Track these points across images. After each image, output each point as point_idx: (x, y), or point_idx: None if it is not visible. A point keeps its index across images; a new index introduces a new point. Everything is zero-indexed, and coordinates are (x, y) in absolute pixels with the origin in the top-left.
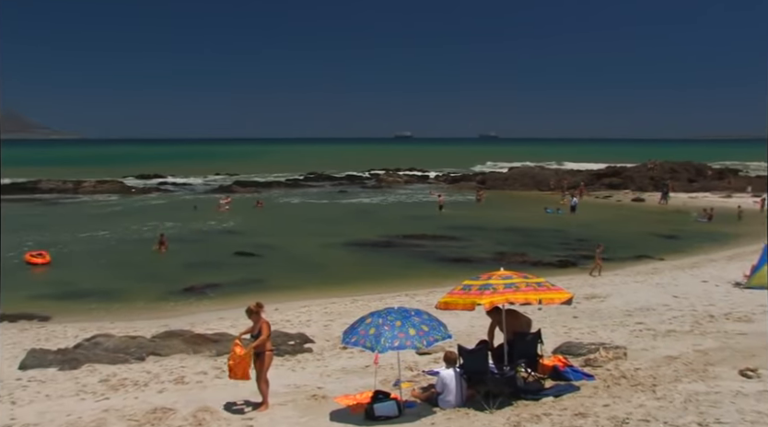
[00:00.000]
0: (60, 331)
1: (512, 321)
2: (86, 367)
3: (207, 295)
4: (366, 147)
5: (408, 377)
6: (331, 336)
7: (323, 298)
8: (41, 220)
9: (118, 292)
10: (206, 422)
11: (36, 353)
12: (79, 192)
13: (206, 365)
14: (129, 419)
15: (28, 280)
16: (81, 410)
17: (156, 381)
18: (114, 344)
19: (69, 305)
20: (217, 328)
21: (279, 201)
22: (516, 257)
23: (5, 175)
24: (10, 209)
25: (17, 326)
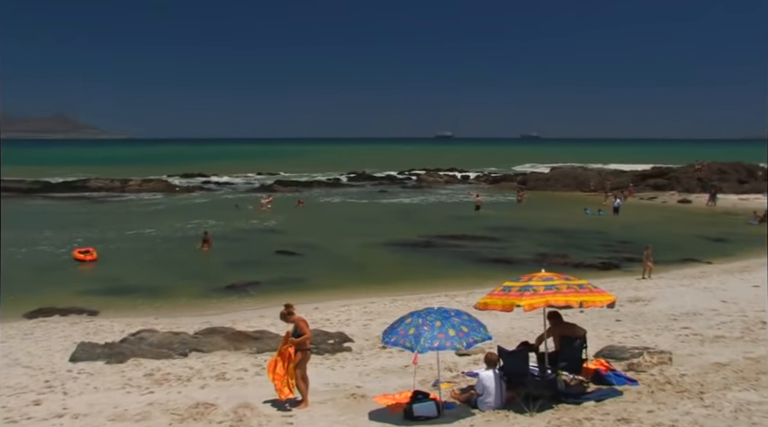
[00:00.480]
0: (107, 326)
1: (564, 327)
2: (131, 361)
3: (248, 293)
4: (406, 147)
5: (447, 378)
6: (371, 335)
7: (363, 297)
8: (90, 217)
9: (162, 288)
10: (247, 419)
11: (85, 347)
12: (126, 191)
13: (247, 362)
14: (172, 413)
15: (77, 275)
16: (127, 403)
17: (198, 377)
18: (158, 340)
19: (116, 300)
20: (258, 325)
21: (319, 201)
22: (557, 258)
23: (56, 174)
24: (60, 207)
25: (68, 320)
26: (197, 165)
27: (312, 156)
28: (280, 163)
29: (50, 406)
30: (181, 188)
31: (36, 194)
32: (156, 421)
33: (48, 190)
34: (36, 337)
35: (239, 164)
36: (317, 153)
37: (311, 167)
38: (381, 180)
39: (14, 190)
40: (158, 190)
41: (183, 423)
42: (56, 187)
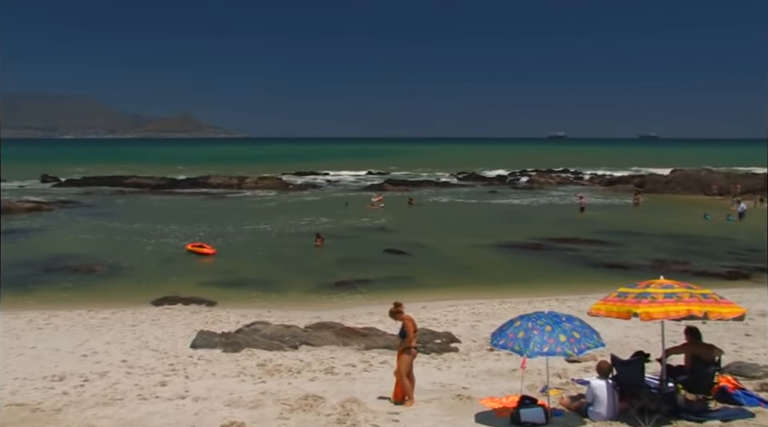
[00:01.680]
0: (224, 316)
1: (701, 348)
2: (245, 351)
3: (358, 290)
4: (518, 147)
5: (556, 384)
6: (478, 337)
7: (471, 298)
8: (210, 213)
9: (275, 282)
10: (354, 413)
11: (204, 335)
12: (243, 188)
13: (355, 358)
14: (283, 403)
15: (198, 267)
16: (241, 391)
17: (307, 369)
18: (271, 332)
19: (232, 292)
20: (366, 322)
21: (429, 201)
22: (677, 265)
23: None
24: (184, 202)
25: (190, 308)
26: (310, 163)
27: (423, 156)
28: (390, 162)
29: (174, 387)
30: (294, 186)
31: (162, 190)
32: (267, 409)
33: (173, 187)
34: (162, 323)
35: (351, 162)
36: (427, 152)
37: (421, 166)
38: (491, 181)
39: (144, 185)
40: (273, 187)
41: (293, 414)
42: (180, 183)
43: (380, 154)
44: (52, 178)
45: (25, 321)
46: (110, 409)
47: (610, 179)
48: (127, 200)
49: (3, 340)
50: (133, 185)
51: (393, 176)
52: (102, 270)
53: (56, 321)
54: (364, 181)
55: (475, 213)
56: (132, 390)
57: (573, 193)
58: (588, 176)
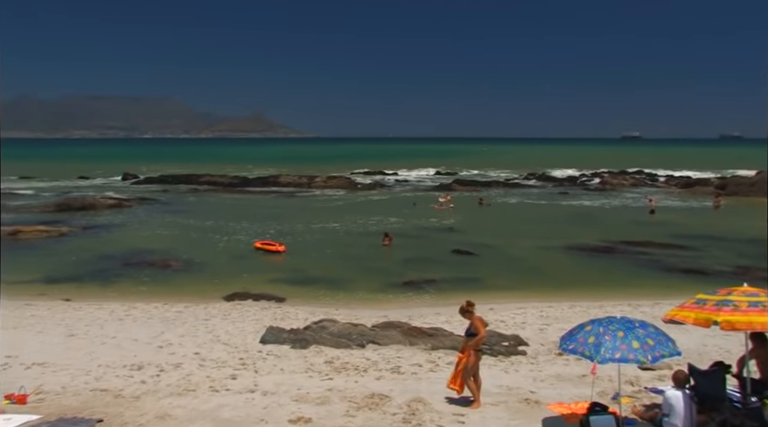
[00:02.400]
0: (293, 313)
1: None
2: (313, 348)
3: (425, 290)
4: (590, 148)
5: (628, 392)
6: (547, 340)
7: (539, 301)
8: (280, 211)
9: (343, 281)
10: (419, 413)
11: (273, 331)
12: (312, 187)
13: (421, 358)
14: (349, 400)
15: (267, 264)
16: (309, 386)
17: (374, 368)
18: (338, 330)
19: (301, 289)
20: (433, 322)
21: (498, 201)
22: (762, 272)
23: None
24: (255, 200)
25: (260, 305)
26: (379, 163)
27: (492, 156)
28: (459, 162)
29: (244, 381)
30: (363, 185)
31: (235, 188)
32: (334, 406)
33: (245, 185)
34: (233, 318)
35: (419, 162)
36: (496, 153)
37: (490, 166)
38: (562, 181)
39: (217, 184)
40: (342, 186)
41: (359, 411)
42: (252, 182)
43: (449, 153)
44: (132, 175)
45: (107, 312)
46: (184, 400)
47: (687, 181)
48: (201, 197)
49: (89, 329)
50: (206, 183)
51: (462, 176)
52: (177, 265)
53: (135, 313)
54: (432, 181)
55: (545, 214)
56: (204, 382)
57: (654, 195)
58: (664, 177)
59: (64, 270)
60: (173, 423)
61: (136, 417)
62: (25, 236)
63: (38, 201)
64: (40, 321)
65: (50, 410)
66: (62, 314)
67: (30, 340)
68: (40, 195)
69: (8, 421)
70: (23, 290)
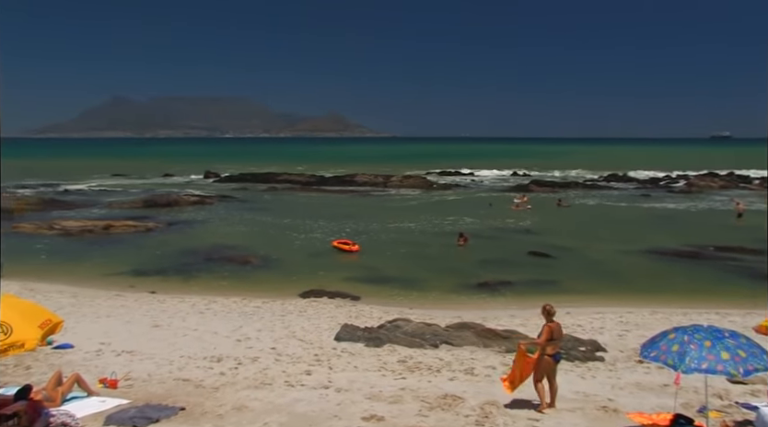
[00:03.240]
0: (367, 311)
1: None
2: (387, 347)
3: (500, 292)
4: (675, 148)
5: (716, 406)
6: (626, 347)
7: (619, 306)
8: (356, 210)
9: (417, 280)
10: (492, 416)
11: (348, 328)
12: (388, 186)
13: (495, 360)
14: (422, 400)
15: (342, 262)
16: (382, 385)
17: (447, 369)
18: (412, 329)
19: (375, 288)
20: (508, 325)
21: (576, 202)
22: None
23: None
24: (331, 199)
25: (335, 302)
26: (454, 163)
27: (571, 156)
28: (536, 162)
29: (318, 377)
30: (438, 185)
31: (312, 187)
32: (407, 405)
33: (321, 184)
34: (308, 315)
35: (495, 162)
36: (577, 153)
37: (568, 167)
38: (644, 183)
39: (295, 182)
40: (417, 186)
41: (432, 412)
42: (328, 181)
43: (526, 154)
44: (214, 174)
45: (189, 305)
46: (261, 393)
47: None
48: (279, 196)
49: (172, 321)
50: (284, 182)
51: (539, 176)
52: (256, 261)
53: (215, 307)
54: (508, 182)
55: (625, 216)
56: (280, 376)
57: (745, 198)
58: (758, 180)
59: (150, 263)
60: (250, 415)
61: (215, 407)
62: (116, 230)
63: (127, 197)
64: (129, 311)
65: (137, 396)
66: (147, 305)
67: (120, 329)
68: (129, 191)
69: (103, 402)
70: (114, 281)
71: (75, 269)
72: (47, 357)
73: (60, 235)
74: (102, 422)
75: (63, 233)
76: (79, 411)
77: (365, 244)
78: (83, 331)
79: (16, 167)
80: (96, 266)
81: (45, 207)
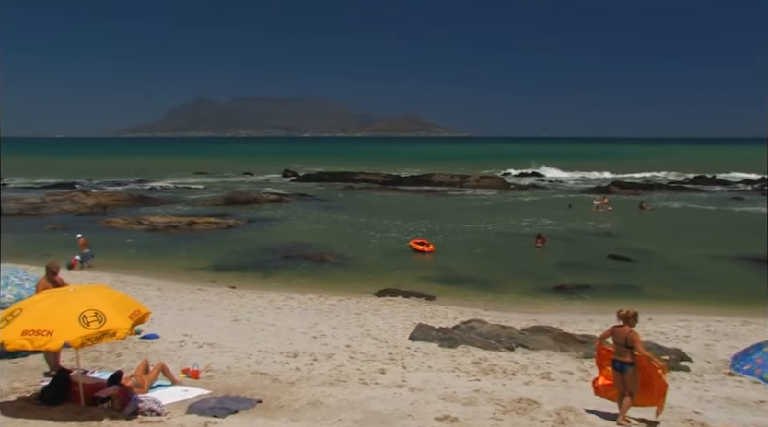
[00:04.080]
0: (441, 311)
1: None
2: (461, 348)
3: (578, 296)
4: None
5: None
6: (714, 358)
7: (706, 314)
8: (431, 209)
9: (493, 282)
10: (569, 423)
11: (422, 328)
12: (464, 186)
13: (572, 366)
14: (496, 403)
15: (417, 262)
16: (456, 386)
17: (522, 372)
18: (487, 331)
19: (450, 288)
20: (586, 329)
21: (659, 205)
22: None
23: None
24: (408, 198)
25: (410, 301)
26: (532, 163)
27: (652, 157)
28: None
29: (392, 376)
30: (515, 185)
31: (388, 186)
32: (481, 407)
33: (398, 183)
34: (383, 314)
35: (574, 163)
36: (662, 153)
37: (652, 168)
38: (736, 185)
39: (371, 181)
40: (494, 186)
41: (506, 415)
42: (404, 180)
43: (606, 154)
44: (292, 173)
45: (267, 300)
46: (335, 389)
47: None
48: (355, 195)
49: (250, 316)
50: (361, 181)
51: (620, 177)
52: (332, 259)
53: (292, 303)
54: (588, 183)
55: (714, 220)
56: (354, 374)
57: None
58: None
59: (230, 259)
60: (325, 411)
61: (291, 401)
62: (198, 226)
63: (209, 194)
64: (210, 305)
65: (217, 387)
66: (227, 300)
67: (202, 322)
68: (210, 189)
69: (185, 391)
70: (197, 276)
71: (160, 263)
72: (135, 346)
73: (147, 230)
74: (185, 410)
75: (150, 228)
76: (164, 399)
77: (440, 244)
78: (167, 323)
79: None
80: (180, 260)
81: (134, 203)
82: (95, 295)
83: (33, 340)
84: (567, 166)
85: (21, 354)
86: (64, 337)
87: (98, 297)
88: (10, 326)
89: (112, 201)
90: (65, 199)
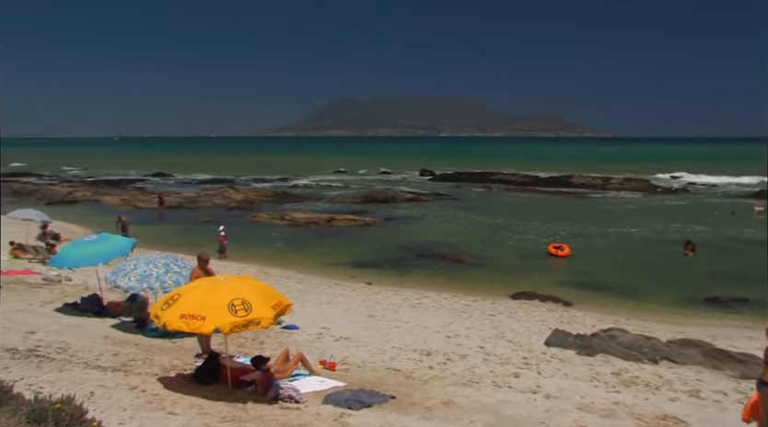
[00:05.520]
0: (579, 318)
1: None
2: (600, 357)
3: (734, 309)
4: None
5: None
6: None
7: None
8: (571, 212)
9: (635, 290)
10: None
11: (559, 334)
12: (606, 189)
13: (727, 386)
14: (638, 417)
15: (554, 266)
16: (593, 396)
17: (667, 387)
18: (629, 341)
19: (588, 294)
20: (743, 347)
21: None
22: None
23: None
24: (546, 200)
25: (546, 306)
26: (681, 165)
27: None
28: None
29: (526, 381)
30: (663, 189)
31: (526, 187)
32: (620, 421)
33: (536, 184)
34: (518, 316)
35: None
36: None
37: None
38: None
39: (509, 182)
40: (639, 189)
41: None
42: (543, 181)
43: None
44: (429, 172)
45: (402, 298)
46: (468, 390)
47: None
48: (493, 195)
49: (385, 313)
50: (499, 181)
51: None
52: (467, 260)
53: (426, 302)
54: (745, 187)
55: None
56: (487, 376)
57: None
58: None
59: (367, 256)
60: (457, 411)
61: (424, 399)
62: (337, 223)
63: (348, 192)
64: (347, 300)
65: (352, 380)
66: (364, 296)
67: (339, 316)
68: (349, 187)
69: (322, 382)
70: (335, 271)
71: (301, 257)
72: (277, 335)
73: (289, 225)
74: (321, 400)
75: (291, 223)
76: (302, 387)
77: (580, 248)
78: (306, 315)
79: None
80: (319, 256)
81: (278, 199)
82: (243, 285)
83: (189, 323)
84: (717, 168)
85: (179, 335)
86: (215, 322)
87: (246, 287)
88: (171, 309)
89: (258, 196)
90: (217, 194)
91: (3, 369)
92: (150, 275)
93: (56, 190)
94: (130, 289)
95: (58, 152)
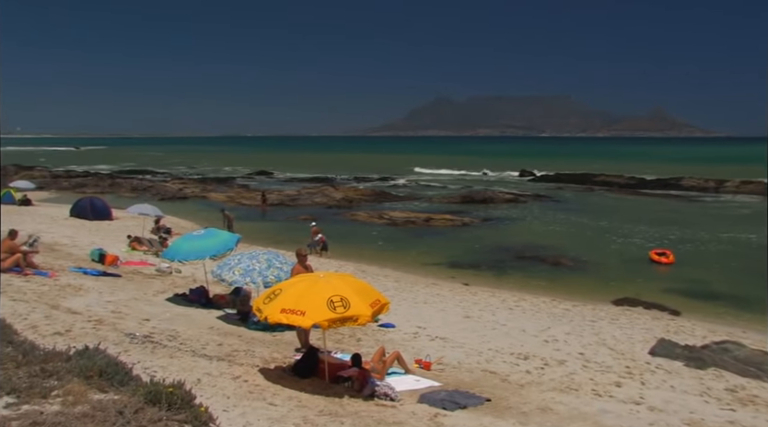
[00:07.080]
0: (688, 328)
1: None
2: (711, 370)
3: None
4: None
5: None
6: None
7: None
8: (680, 216)
9: (752, 300)
10: None
11: (665, 344)
12: (720, 191)
13: None
14: None
15: (658, 272)
16: (704, 412)
17: None
18: (745, 355)
19: (698, 303)
20: None
21: None
22: None
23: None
24: (653, 203)
25: (650, 314)
26: None
27: None
28: None
29: (628, 391)
30: None
31: (631, 189)
32: None
33: (642, 187)
34: (621, 323)
35: None
36: None
37: None
38: None
39: (612, 184)
40: (757, 192)
41: None
42: (650, 183)
43: None
44: (529, 172)
45: (499, 300)
46: (566, 397)
47: None
48: (595, 197)
49: (482, 314)
50: (601, 183)
51: None
52: (567, 263)
53: (524, 305)
54: None
55: None
56: (587, 383)
57: None
58: None
59: (465, 256)
60: (554, 418)
61: (520, 404)
62: (435, 223)
63: (446, 192)
64: (443, 300)
65: (447, 380)
66: (460, 296)
67: (435, 316)
68: (447, 187)
69: (417, 381)
70: (431, 271)
71: (398, 256)
72: (374, 333)
73: (387, 224)
74: (416, 399)
75: (390, 222)
76: (398, 386)
77: (689, 253)
78: (402, 314)
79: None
80: (417, 255)
81: (377, 198)
82: (341, 283)
83: (289, 318)
84: None
85: (279, 329)
86: (314, 318)
87: (345, 284)
88: (273, 303)
89: (357, 195)
90: (317, 192)
91: (123, 352)
92: (253, 270)
93: (168, 187)
94: (234, 283)
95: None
